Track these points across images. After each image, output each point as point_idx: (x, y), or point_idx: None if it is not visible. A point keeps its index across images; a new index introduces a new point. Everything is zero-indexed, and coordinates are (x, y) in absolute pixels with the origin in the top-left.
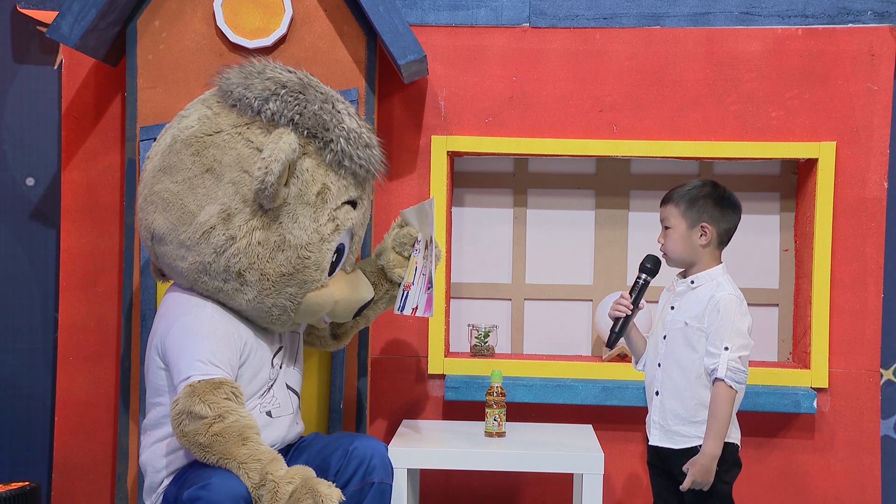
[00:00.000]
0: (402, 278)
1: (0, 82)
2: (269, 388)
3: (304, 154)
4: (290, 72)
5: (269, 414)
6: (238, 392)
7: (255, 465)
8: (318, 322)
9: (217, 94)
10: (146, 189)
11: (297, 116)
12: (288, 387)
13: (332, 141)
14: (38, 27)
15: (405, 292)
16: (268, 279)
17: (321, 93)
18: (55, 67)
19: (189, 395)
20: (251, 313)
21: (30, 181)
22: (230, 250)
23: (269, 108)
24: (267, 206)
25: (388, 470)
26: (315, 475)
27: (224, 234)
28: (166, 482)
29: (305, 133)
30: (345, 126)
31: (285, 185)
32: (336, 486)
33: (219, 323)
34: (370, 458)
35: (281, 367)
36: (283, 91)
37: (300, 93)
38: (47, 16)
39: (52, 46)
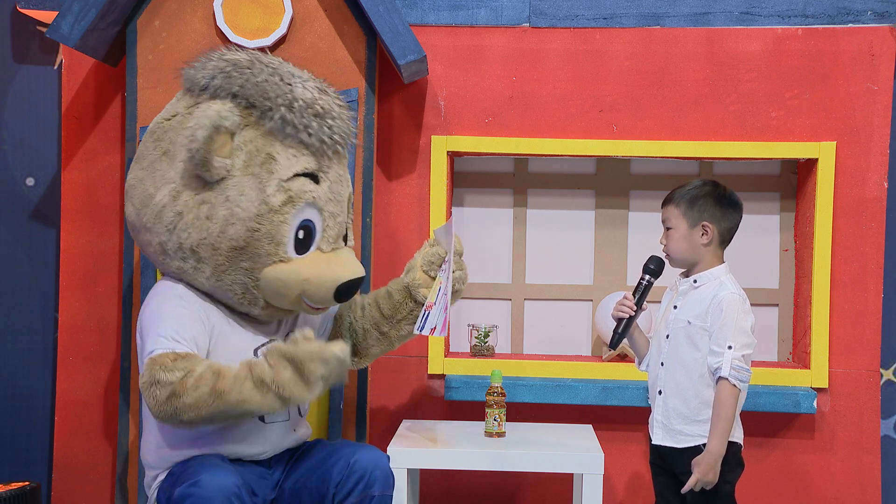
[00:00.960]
0: (426, 298)
1: (0, 82)
2: None
3: (247, 125)
4: (249, 53)
5: (261, 419)
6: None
7: (245, 384)
8: (300, 307)
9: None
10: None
11: (237, 87)
12: None
13: (271, 109)
14: (38, 27)
15: (426, 312)
16: (220, 254)
17: (271, 66)
18: (55, 67)
19: (150, 366)
20: (218, 294)
21: (30, 181)
22: (179, 226)
23: (214, 84)
24: (205, 176)
25: (390, 482)
26: (291, 349)
27: (173, 210)
28: (161, 476)
29: (245, 104)
30: (292, 96)
31: (228, 157)
32: (337, 499)
33: (186, 302)
34: (371, 471)
35: None
36: (231, 68)
37: (247, 68)
38: (47, 16)
39: (52, 46)
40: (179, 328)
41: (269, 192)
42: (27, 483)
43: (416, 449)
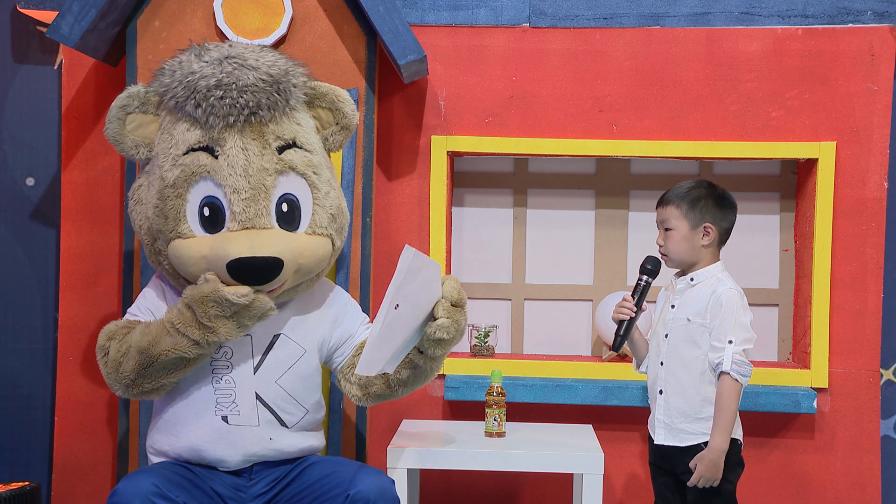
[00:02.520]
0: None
1: (0, 82)
2: (224, 385)
3: (164, 109)
4: (216, 44)
5: (224, 419)
6: None
7: (153, 328)
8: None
9: None
10: None
11: (160, 72)
12: (259, 398)
13: (166, 89)
14: (38, 27)
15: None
16: (148, 234)
17: (206, 49)
18: (55, 67)
19: (100, 335)
20: (172, 280)
21: (30, 181)
22: (132, 212)
23: (157, 73)
24: (130, 157)
25: None
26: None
27: (132, 198)
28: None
29: (159, 87)
30: (188, 71)
31: (150, 137)
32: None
33: (154, 285)
34: (375, 502)
35: (254, 373)
36: (183, 56)
37: (186, 53)
38: (47, 16)
39: (52, 46)
40: (141, 303)
41: (166, 167)
42: (27, 483)
43: (416, 449)
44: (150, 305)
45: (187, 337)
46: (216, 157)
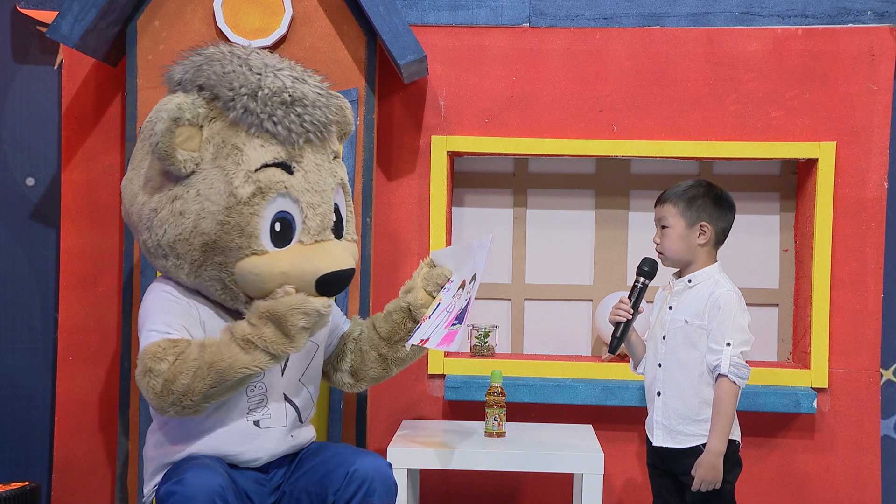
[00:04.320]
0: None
1: (0, 82)
2: (257, 391)
3: (214, 118)
4: (222, 45)
5: (256, 424)
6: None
7: (231, 348)
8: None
9: None
10: None
11: (204, 79)
12: (287, 398)
13: (233, 99)
14: (38, 27)
15: (420, 325)
16: (195, 249)
17: (241, 57)
18: (55, 67)
19: (142, 358)
20: (203, 291)
21: (30, 181)
22: (154, 222)
23: (185, 79)
24: (174, 171)
25: (392, 491)
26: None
27: (149, 207)
28: (158, 478)
29: (210, 95)
30: (257, 84)
31: (197, 150)
32: None
33: (175, 297)
34: (371, 481)
35: (282, 375)
36: (203, 61)
37: (217, 61)
38: (47, 16)
39: (52, 46)
40: (169, 319)
41: (237, 183)
42: (27, 483)
43: (416, 449)
44: (182, 322)
45: (266, 352)
46: (291, 173)
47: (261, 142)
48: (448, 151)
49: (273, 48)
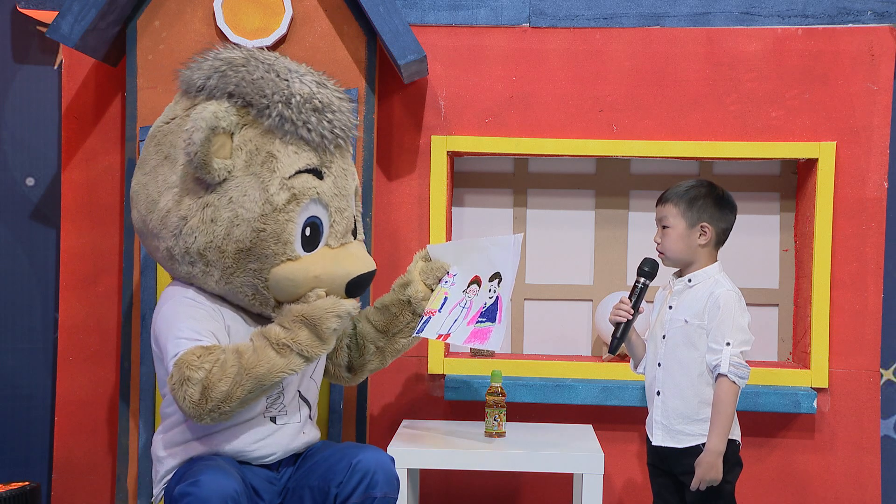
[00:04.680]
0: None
1: (0, 82)
2: (276, 389)
3: (245, 125)
4: (245, 50)
5: (273, 420)
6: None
7: (268, 353)
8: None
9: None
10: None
11: (233, 87)
12: (300, 395)
13: (268, 107)
14: (38, 27)
15: (427, 318)
16: (228, 256)
17: (266, 63)
18: (55, 67)
19: (178, 367)
20: (230, 297)
21: (30, 181)
22: (184, 230)
23: (210, 85)
24: (206, 178)
25: (393, 484)
26: (298, 308)
27: (177, 215)
28: (168, 477)
29: (241, 103)
30: (288, 91)
31: (229, 157)
32: (339, 499)
33: (199, 303)
34: (373, 473)
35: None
36: (226, 67)
37: (242, 66)
38: (47, 16)
39: (52, 46)
40: (196, 326)
41: (273, 191)
42: (27, 483)
43: (416, 449)
44: (209, 327)
45: (301, 355)
46: (322, 179)
47: (294, 148)
48: (448, 151)
49: (273, 48)
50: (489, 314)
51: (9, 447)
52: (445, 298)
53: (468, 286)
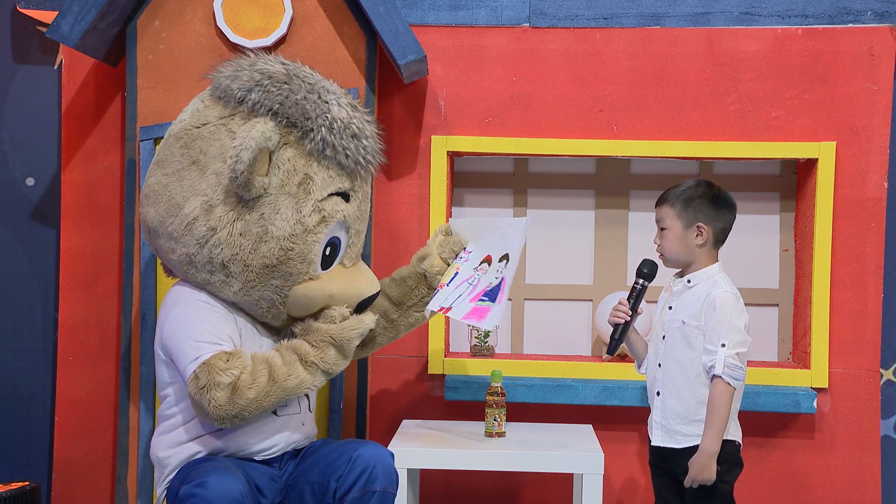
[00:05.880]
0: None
1: (0, 82)
2: None
3: (286, 144)
4: (282, 63)
5: (274, 412)
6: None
7: (297, 367)
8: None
9: (209, 88)
10: (144, 183)
11: (278, 106)
12: None
13: (312, 130)
14: (38, 27)
15: (437, 291)
16: (251, 270)
17: (308, 83)
18: (55, 67)
19: (206, 371)
20: (243, 306)
21: (30, 181)
22: (211, 241)
23: (252, 99)
24: (244, 195)
25: (392, 478)
26: (320, 327)
27: (205, 224)
28: (171, 476)
29: (285, 122)
30: (330, 115)
31: (265, 175)
32: (338, 493)
33: (213, 307)
34: (373, 467)
35: None
36: (268, 82)
37: (284, 83)
38: (47, 16)
39: (52, 46)
40: (215, 329)
41: (306, 212)
42: (27, 483)
43: (416, 449)
44: (227, 331)
45: (327, 372)
46: (348, 202)
47: (330, 172)
48: (448, 151)
49: (273, 48)
50: (491, 294)
51: (9, 447)
52: (456, 273)
53: (479, 264)
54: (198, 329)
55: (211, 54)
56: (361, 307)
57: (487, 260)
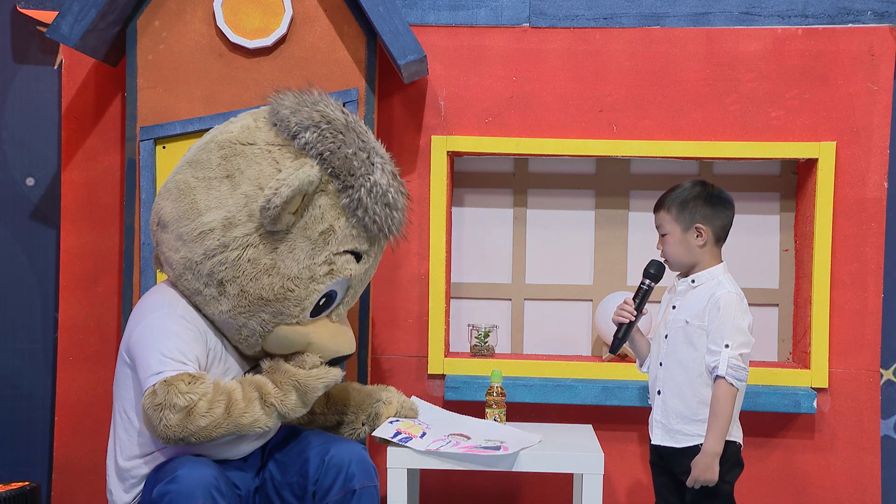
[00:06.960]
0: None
1: (0, 82)
2: None
3: (323, 191)
4: (342, 112)
5: None
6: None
7: (255, 406)
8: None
9: (266, 111)
10: (169, 176)
11: (328, 153)
12: None
13: (352, 187)
14: (38, 27)
15: (407, 436)
16: (246, 297)
17: (362, 140)
18: (55, 67)
19: (165, 389)
20: (222, 326)
21: (30, 181)
22: (219, 257)
23: (305, 137)
24: (267, 226)
25: (370, 473)
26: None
27: (219, 240)
28: (138, 489)
29: (330, 171)
30: (372, 178)
31: (294, 213)
32: (318, 496)
33: (188, 322)
34: (348, 465)
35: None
36: (326, 126)
37: (340, 132)
38: (47, 16)
39: (52, 46)
40: (184, 348)
41: (318, 261)
42: (27, 483)
43: (417, 449)
44: (195, 351)
45: (284, 416)
46: (359, 263)
47: (353, 231)
48: (448, 151)
49: (273, 48)
50: (492, 448)
51: (9, 447)
52: (423, 433)
53: (449, 435)
54: (166, 344)
55: (211, 54)
56: (333, 362)
57: (461, 436)
